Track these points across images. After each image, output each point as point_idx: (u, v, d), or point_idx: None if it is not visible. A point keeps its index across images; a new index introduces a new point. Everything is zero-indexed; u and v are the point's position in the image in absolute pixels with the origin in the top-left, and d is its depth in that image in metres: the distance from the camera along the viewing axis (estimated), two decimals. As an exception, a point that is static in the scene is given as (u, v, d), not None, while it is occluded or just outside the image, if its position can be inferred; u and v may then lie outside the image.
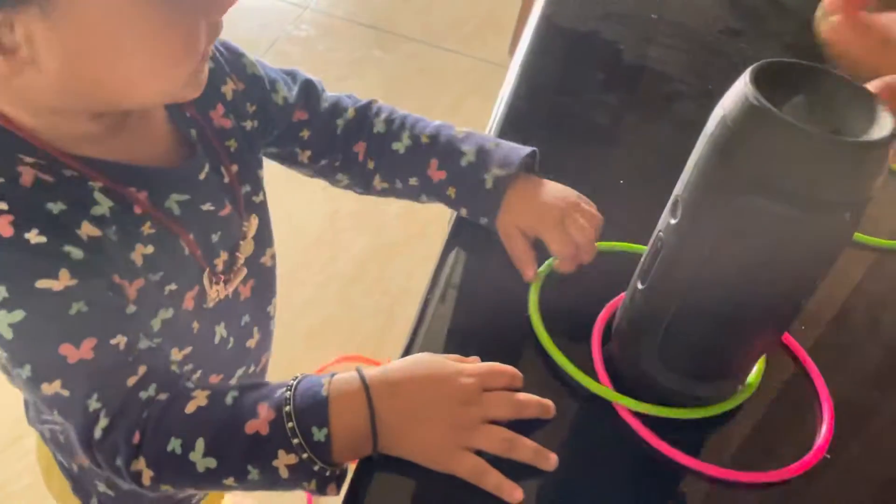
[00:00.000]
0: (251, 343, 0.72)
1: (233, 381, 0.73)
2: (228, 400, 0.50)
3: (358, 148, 0.71)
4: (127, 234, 0.54)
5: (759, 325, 0.51)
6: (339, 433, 0.49)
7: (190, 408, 0.50)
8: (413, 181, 0.70)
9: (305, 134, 0.71)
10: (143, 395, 0.50)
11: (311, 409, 0.49)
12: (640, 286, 0.53)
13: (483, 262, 0.68)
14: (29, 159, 0.50)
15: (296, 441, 0.48)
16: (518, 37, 1.00)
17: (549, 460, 0.52)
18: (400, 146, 0.70)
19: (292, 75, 0.72)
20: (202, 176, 0.61)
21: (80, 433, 0.50)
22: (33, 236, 0.48)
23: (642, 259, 0.54)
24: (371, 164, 0.71)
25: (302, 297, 1.62)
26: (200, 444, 0.48)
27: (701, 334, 0.52)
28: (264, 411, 0.49)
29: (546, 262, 0.66)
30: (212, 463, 0.48)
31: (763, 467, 0.54)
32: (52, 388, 0.49)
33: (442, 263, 0.67)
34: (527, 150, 0.68)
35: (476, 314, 0.64)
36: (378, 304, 1.63)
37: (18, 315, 0.48)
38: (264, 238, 0.70)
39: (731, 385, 0.57)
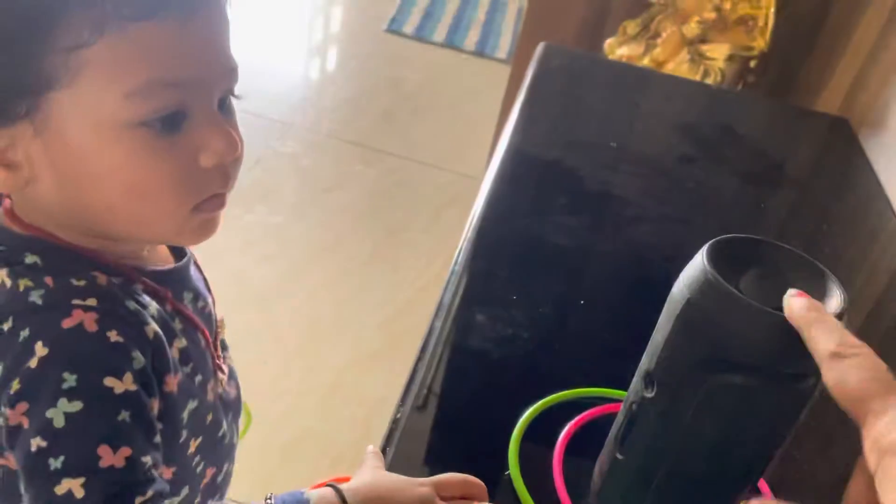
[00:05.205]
0: (235, 440, 0.75)
1: (220, 477, 0.74)
2: None
3: None
4: (168, 332, 0.57)
5: (742, 480, 0.53)
6: None
7: None
8: None
9: None
10: None
11: None
12: (619, 456, 0.55)
13: (460, 375, 0.71)
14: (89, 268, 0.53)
15: None
16: (493, 155, 1.08)
17: None
18: None
19: None
20: (192, 274, 0.65)
21: None
22: (113, 335, 0.50)
23: (616, 427, 0.56)
24: None
25: (281, 407, 1.63)
26: None
27: (687, 497, 0.54)
28: None
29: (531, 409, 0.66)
30: None
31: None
32: (72, 484, 0.47)
33: (413, 378, 0.70)
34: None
35: (451, 432, 0.66)
36: (354, 414, 1.64)
37: (77, 406, 0.48)
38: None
39: None
